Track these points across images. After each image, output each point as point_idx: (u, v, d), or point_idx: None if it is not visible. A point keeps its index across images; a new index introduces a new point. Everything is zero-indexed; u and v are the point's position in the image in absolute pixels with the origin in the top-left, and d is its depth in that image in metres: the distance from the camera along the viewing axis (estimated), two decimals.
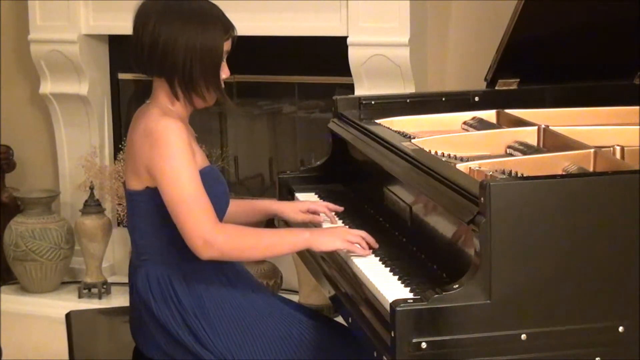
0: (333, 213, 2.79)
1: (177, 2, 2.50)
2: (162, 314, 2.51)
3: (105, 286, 4.53)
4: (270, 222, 3.14)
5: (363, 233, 2.52)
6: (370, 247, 2.51)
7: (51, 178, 4.88)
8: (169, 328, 2.51)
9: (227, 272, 2.57)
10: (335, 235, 2.50)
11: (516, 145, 2.73)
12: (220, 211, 2.53)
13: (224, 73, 2.56)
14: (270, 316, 2.55)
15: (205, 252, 2.40)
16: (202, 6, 2.52)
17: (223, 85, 2.56)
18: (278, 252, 2.55)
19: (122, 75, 4.72)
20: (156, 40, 2.47)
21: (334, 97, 3.17)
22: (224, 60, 2.55)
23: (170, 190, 2.41)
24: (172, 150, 2.42)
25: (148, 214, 2.52)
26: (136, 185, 2.52)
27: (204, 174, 2.48)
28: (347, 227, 2.68)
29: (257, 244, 2.46)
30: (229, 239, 2.42)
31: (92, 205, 4.49)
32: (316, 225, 2.78)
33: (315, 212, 2.79)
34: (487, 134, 2.84)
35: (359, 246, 2.48)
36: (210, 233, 2.39)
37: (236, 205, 2.80)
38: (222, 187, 2.59)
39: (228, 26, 2.53)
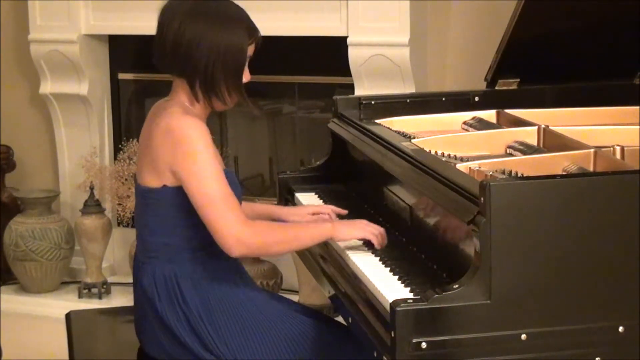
0: (336, 215, 2.79)
1: (204, 3, 2.49)
2: (167, 314, 2.51)
3: (105, 286, 4.53)
4: None
5: (382, 229, 2.54)
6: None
7: (51, 178, 4.87)
8: (173, 328, 2.50)
9: (232, 273, 2.57)
10: (356, 225, 2.53)
11: (516, 145, 2.73)
12: None
13: (245, 77, 2.54)
14: (272, 317, 2.55)
15: (236, 249, 2.41)
16: (228, 8, 2.51)
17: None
18: (303, 244, 2.59)
19: (122, 75, 4.72)
20: (180, 39, 2.46)
21: (334, 97, 3.17)
22: (246, 64, 2.53)
23: (198, 189, 2.40)
24: (197, 149, 2.41)
25: (161, 212, 2.52)
26: (152, 182, 2.51)
27: None
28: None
29: (284, 238, 2.48)
30: (258, 236, 2.43)
31: (92, 205, 4.49)
32: None
33: (319, 214, 2.79)
34: (487, 134, 2.84)
35: (375, 237, 2.50)
36: (241, 231, 2.40)
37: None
38: (237, 191, 2.58)
39: (253, 30, 2.52)
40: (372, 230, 2.52)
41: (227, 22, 2.48)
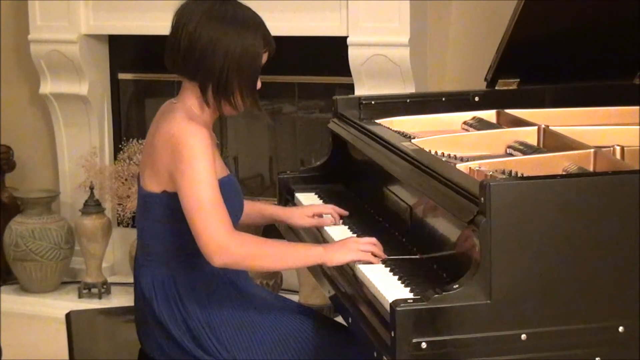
0: (337, 216, 2.77)
1: (222, 6, 2.46)
2: (165, 316, 2.50)
3: (105, 286, 4.53)
4: (271, 226, 3.11)
5: (374, 240, 2.49)
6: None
7: (51, 178, 4.87)
8: (171, 330, 2.50)
9: (231, 276, 2.56)
10: (348, 247, 2.46)
11: (516, 145, 2.73)
12: (233, 222, 2.51)
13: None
14: (272, 317, 2.55)
15: (218, 258, 2.36)
16: (246, 14, 2.48)
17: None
18: (291, 264, 2.53)
19: (122, 75, 4.72)
20: (195, 42, 2.42)
21: (334, 97, 3.17)
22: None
23: (189, 193, 2.37)
24: (194, 155, 2.38)
25: (161, 217, 2.50)
26: (153, 187, 2.49)
27: (223, 184, 2.45)
28: (355, 236, 2.61)
29: (270, 253, 2.42)
30: (242, 247, 2.38)
31: (92, 205, 4.49)
32: (320, 229, 2.77)
33: (320, 215, 2.78)
34: (487, 134, 2.84)
35: (371, 255, 2.45)
36: (224, 239, 2.35)
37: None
38: (238, 198, 2.56)
39: (268, 38, 2.50)
40: (365, 249, 2.44)
41: (243, 27, 2.45)
